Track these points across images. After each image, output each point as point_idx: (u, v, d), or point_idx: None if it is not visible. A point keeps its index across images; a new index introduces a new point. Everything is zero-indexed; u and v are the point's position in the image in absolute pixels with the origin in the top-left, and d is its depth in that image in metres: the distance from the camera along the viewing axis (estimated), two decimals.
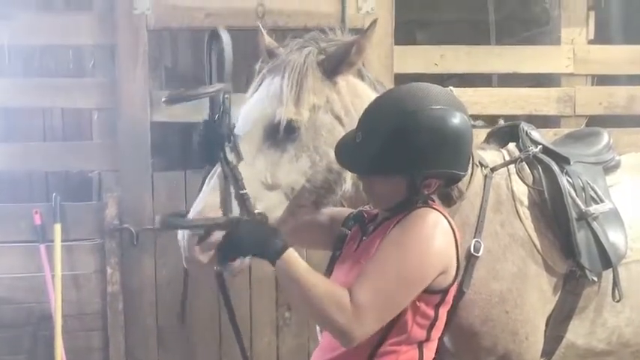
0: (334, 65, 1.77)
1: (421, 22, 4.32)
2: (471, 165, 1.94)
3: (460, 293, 1.87)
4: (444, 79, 3.71)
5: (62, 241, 3.03)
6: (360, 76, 1.87)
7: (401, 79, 3.36)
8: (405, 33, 3.69)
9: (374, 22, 1.75)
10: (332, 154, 1.67)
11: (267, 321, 3.28)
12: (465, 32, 4.20)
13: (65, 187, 3.50)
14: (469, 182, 1.91)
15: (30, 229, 3.08)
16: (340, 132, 1.74)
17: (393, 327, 1.49)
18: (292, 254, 1.47)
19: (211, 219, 1.57)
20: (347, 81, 1.82)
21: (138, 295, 3.15)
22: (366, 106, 1.63)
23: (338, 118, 1.78)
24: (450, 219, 1.54)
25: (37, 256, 3.04)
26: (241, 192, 1.62)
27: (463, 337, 1.92)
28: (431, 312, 1.52)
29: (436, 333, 1.58)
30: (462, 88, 3.44)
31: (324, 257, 1.82)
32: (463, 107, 1.55)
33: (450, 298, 1.57)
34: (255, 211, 1.63)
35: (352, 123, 1.73)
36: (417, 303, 1.49)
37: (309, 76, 1.73)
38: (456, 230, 1.54)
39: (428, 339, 1.55)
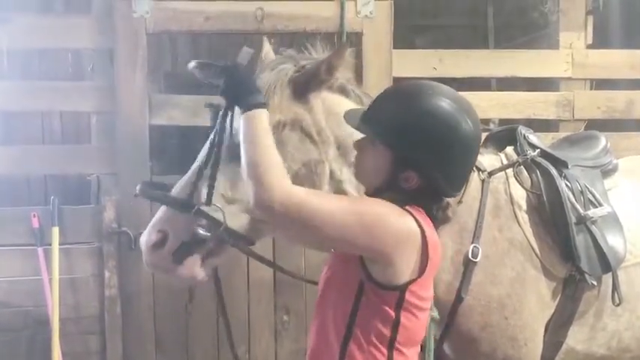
0: (304, 84, 1.75)
1: (420, 27, 4.32)
2: None
3: (459, 299, 1.87)
4: (443, 83, 3.70)
5: (60, 245, 3.02)
6: (344, 92, 1.84)
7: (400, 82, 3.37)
8: (404, 37, 3.69)
9: (345, 44, 1.75)
10: (301, 171, 1.71)
11: (265, 325, 3.28)
12: (464, 37, 4.21)
13: (63, 191, 3.50)
14: (465, 187, 1.90)
15: (28, 233, 3.07)
16: (310, 149, 1.74)
17: (353, 327, 1.45)
18: (264, 114, 1.49)
19: (179, 198, 1.65)
20: (323, 99, 1.79)
21: (136, 299, 3.14)
22: (344, 122, 1.65)
23: (309, 136, 1.76)
24: (425, 227, 1.45)
25: (35, 260, 3.03)
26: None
27: (462, 343, 1.91)
28: (391, 313, 1.44)
29: (406, 342, 1.47)
30: (461, 92, 3.43)
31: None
32: (479, 129, 1.53)
33: (417, 304, 1.46)
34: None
35: (327, 139, 1.75)
36: (374, 298, 1.43)
37: (275, 95, 1.72)
38: (429, 240, 1.45)
39: (395, 347, 1.46)
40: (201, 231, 1.62)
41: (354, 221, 1.38)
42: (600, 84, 3.57)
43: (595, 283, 1.97)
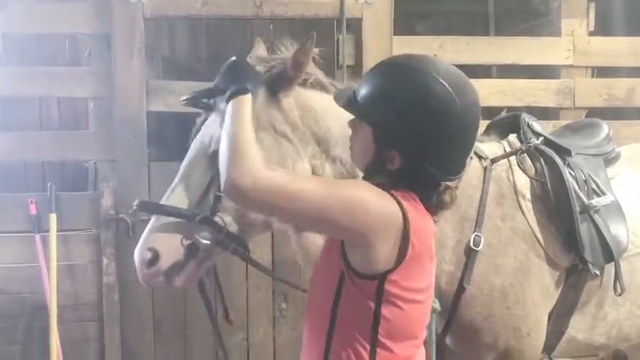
0: (272, 84, 1.74)
1: (421, 13, 4.28)
2: None
3: (461, 288, 1.86)
4: None
5: (57, 231, 3.01)
6: (322, 87, 1.82)
7: None
8: (405, 23, 3.66)
9: (310, 37, 1.71)
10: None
11: (263, 312, 3.27)
12: (465, 23, 4.17)
13: (61, 177, 3.48)
14: (462, 175, 1.89)
15: (25, 219, 3.05)
16: (287, 148, 1.73)
17: (335, 321, 1.41)
18: (245, 100, 1.49)
19: (184, 210, 1.65)
20: (295, 96, 1.77)
21: (134, 286, 3.12)
22: (321, 116, 1.67)
23: (283, 135, 1.75)
24: (409, 212, 1.35)
25: (33, 246, 3.01)
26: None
27: (464, 334, 1.90)
28: (370, 304, 1.37)
29: (391, 336, 1.39)
30: None
31: None
32: (474, 108, 1.41)
33: (400, 295, 1.37)
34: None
35: (303, 137, 1.73)
36: (353, 289, 1.38)
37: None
38: (412, 226, 1.35)
39: (378, 342, 1.38)
40: (202, 240, 1.62)
41: (334, 202, 1.32)
42: (602, 72, 3.54)
43: (598, 272, 1.96)
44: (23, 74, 3.16)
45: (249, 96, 1.51)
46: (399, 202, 1.35)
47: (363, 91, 1.42)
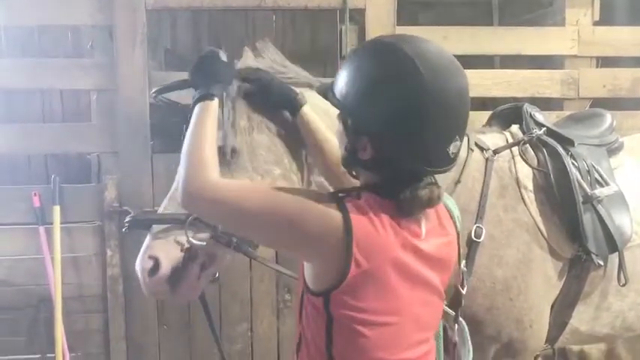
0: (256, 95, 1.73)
1: (424, 3, 4.26)
2: (465, 149, 1.92)
3: (463, 280, 1.85)
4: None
5: (61, 224, 3.02)
6: (309, 85, 1.82)
7: None
8: (408, 14, 3.64)
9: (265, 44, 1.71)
10: (276, 171, 1.69)
11: (267, 303, 3.28)
12: (468, 13, 4.15)
13: (64, 169, 3.48)
14: (463, 168, 1.88)
15: (29, 211, 3.06)
16: (283, 147, 1.74)
17: (302, 340, 1.37)
18: (210, 106, 1.45)
19: (174, 214, 1.64)
20: None
21: (138, 278, 3.14)
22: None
23: (278, 135, 1.75)
24: (356, 226, 1.23)
25: (37, 238, 3.02)
26: None
27: (467, 325, 1.90)
28: (321, 323, 1.29)
29: (341, 352, 1.28)
30: (465, 70, 3.39)
31: None
32: (459, 92, 1.28)
33: (353, 316, 1.26)
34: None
35: (296, 133, 1.72)
36: (310, 308, 1.31)
37: (233, 107, 1.72)
38: (358, 241, 1.22)
39: (332, 357, 1.29)
40: (196, 242, 1.61)
41: (271, 216, 1.26)
42: (606, 62, 3.52)
43: (601, 263, 1.95)
44: (25, 66, 3.15)
45: (215, 102, 1.46)
46: (345, 217, 1.23)
47: (337, 77, 1.35)
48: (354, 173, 1.37)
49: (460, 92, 1.28)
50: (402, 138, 1.24)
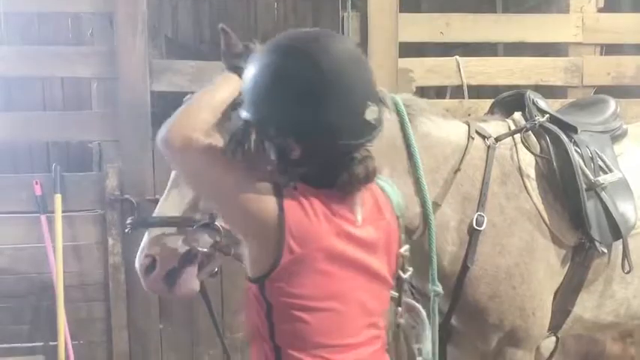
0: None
1: None
2: (465, 137, 1.91)
3: (465, 269, 1.84)
4: (449, 49, 3.64)
5: (63, 212, 3.01)
6: None
7: (406, 47, 3.31)
8: (410, 1, 3.61)
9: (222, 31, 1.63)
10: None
11: None
12: (471, 0, 4.11)
13: (65, 158, 3.48)
14: (463, 156, 1.87)
15: (30, 200, 3.06)
16: None
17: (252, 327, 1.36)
18: (232, 79, 1.43)
19: (177, 217, 1.62)
20: None
21: None
22: None
23: None
24: (290, 214, 1.25)
25: (38, 227, 3.02)
26: None
27: (469, 314, 1.90)
28: (260, 310, 1.30)
29: (296, 345, 1.29)
30: (468, 58, 3.38)
31: None
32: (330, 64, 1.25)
33: (290, 302, 1.27)
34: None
35: None
36: (250, 295, 1.33)
37: None
38: (290, 228, 1.25)
39: (282, 351, 1.30)
40: (200, 248, 1.60)
41: (223, 190, 1.29)
42: (610, 49, 3.49)
43: (605, 250, 1.94)
44: (25, 54, 3.14)
45: (236, 76, 1.43)
46: (280, 204, 1.25)
47: (243, 100, 1.35)
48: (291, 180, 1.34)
49: (350, 58, 1.29)
50: (319, 124, 1.24)
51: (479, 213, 1.87)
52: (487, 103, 3.15)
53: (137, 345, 3.16)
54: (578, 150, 2.00)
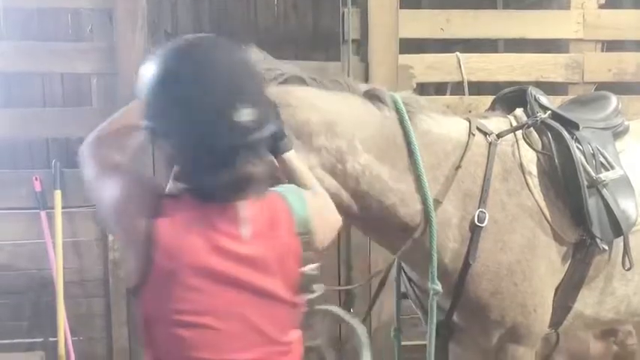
0: None
1: None
2: (466, 134, 1.90)
3: (466, 265, 1.84)
4: (450, 45, 3.63)
5: (63, 208, 3.01)
6: (300, 81, 1.78)
7: (406, 44, 3.30)
8: None
9: None
10: None
11: None
12: None
13: (65, 154, 3.47)
14: (464, 152, 1.86)
15: (30, 196, 3.05)
16: None
17: None
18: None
19: None
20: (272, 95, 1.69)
21: None
22: (298, 109, 1.67)
23: None
24: (161, 229, 1.25)
25: (38, 223, 3.02)
26: None
27: (471, 310, 1.89)
28: (138, 321, 1.31)
29: (162, 351, 1.30)
30: (468, 54, 3.37)
31: None
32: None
33: (161, 317, 1.28)
34: None
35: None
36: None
37: None
38: (160, 243, 1.24)
39: (157, 356, 1.32)
40: None
41: (109, 207, 1.31)
42: (611, 46, 3.48)
43: (606, 247, 1.93)
44: (25, 49, 3.13)
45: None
46: (154, 217, 1.25)
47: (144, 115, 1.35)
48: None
49: (214, 62, 1.27)
50: (181, 125, 1.24)
51: (480, 209, 1.86)
52: (487, 99, 3.14)
53: (137, 342, 3.16)
54: (580, 147, 2.00)
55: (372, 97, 1.85)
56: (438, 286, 1.85)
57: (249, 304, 1.30)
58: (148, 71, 1.30)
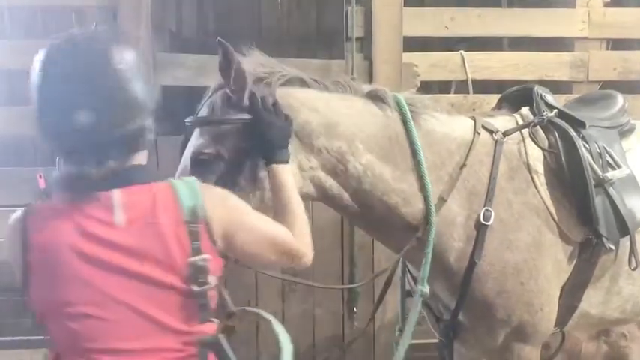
0: (232, 91, 1.69)
1: None
2: (471, 132, 1.90)
3: (472, 264, 1.83)
4: (454, 43, 3.62)
5: None
6: (301, 82, 1.78)
7: (410, 42, 3.29)
8: None
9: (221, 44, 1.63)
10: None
11: (273, 286, 3.28)
12: None
13: None
14: (468, 151, 1.86)
15: (35, 194, 3.05)
16: None
17: None
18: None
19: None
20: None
21: None
22: (298, 111, 1.70)
23: None
24: (33, 230, 1.31)
25: None
26: None
27: (477, 309, 1.89)
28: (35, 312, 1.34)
29: (65, 354, 1.33)
30: (473, 52, 3.36)
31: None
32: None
33: (49, 310, 1.31)
34: None
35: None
36: None
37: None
38: (30, 244, 1.30)
39: (57, 352, 1.35)
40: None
41: None
42: (616, 44, 3.47)
43: (612, 246, 1.93)
44: (29, 48, 3.12)
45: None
46: (25, 217, 1.33)
47: None
48: None
49: (62, 56, 1.30)
50: (38, 122, 1.32)
51: (486, 208, 1.86)
52: (492, 97, 3.14)
53: None
54: (587, 145, 1.99)
55: (375, 97, 1.85)
56: (426, 289, 1.86)
57: (133, 292, 1.29)
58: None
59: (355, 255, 3.32)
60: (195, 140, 1.71)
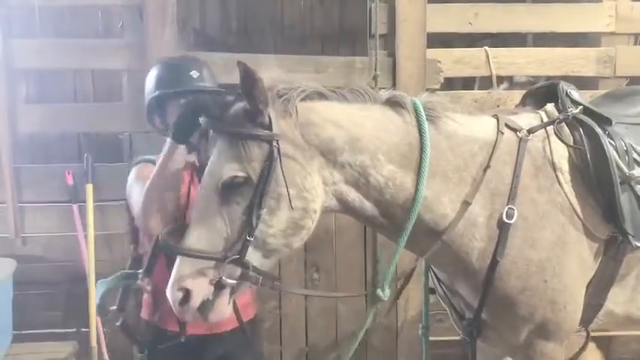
0: (254, 111, 1.66)
1: None
2: (494, 132, 1.88)
3: (494, 262, 1.82)
4: (477, 39, 3.60)
5: (94, 202, 3.07)
6: (320, 96, 1.76)
7: (434, 38, 3.28)
8: None
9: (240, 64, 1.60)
10: (289, 193, 1.65)
11: (295, 282, 3.30)
12: None
13: (97, 148, 3.54)
14: (492, 152, 1.84)
15: (62, 190, 3.12)
16: (293, 167, 1.67)
17: None
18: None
19: (208, 253, 1.64)
20: (295, 114, 1.70)
21: None
22: (322, 128, 1.69)
23: (287, 156, 1.67)
24: None
25: (70, 216, 3.08)
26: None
27: (500, 307, 1.88)
28: None
29: None
30: (497, 48, 3.34)
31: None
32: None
33: None
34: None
35: (307, 153, 1.69)
36: None
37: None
38: None
39: None
40: (229, 280, 1.64)
41: None
42: None
43: (638, 244, 1.90)
44: (57, 47, 3.19)
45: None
46: None
47: None
48: None
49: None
50: None
51: (509, 206, 1.84)
52: (516, 94, 3.12)
53: None
54: (613, 142, 1.95)
55: (394, 103, 1.84)
56: (382, 294, 1.86)
57: None
58: None
59: (378, 252, 3.33)
60: (220, 163, 1.68)
